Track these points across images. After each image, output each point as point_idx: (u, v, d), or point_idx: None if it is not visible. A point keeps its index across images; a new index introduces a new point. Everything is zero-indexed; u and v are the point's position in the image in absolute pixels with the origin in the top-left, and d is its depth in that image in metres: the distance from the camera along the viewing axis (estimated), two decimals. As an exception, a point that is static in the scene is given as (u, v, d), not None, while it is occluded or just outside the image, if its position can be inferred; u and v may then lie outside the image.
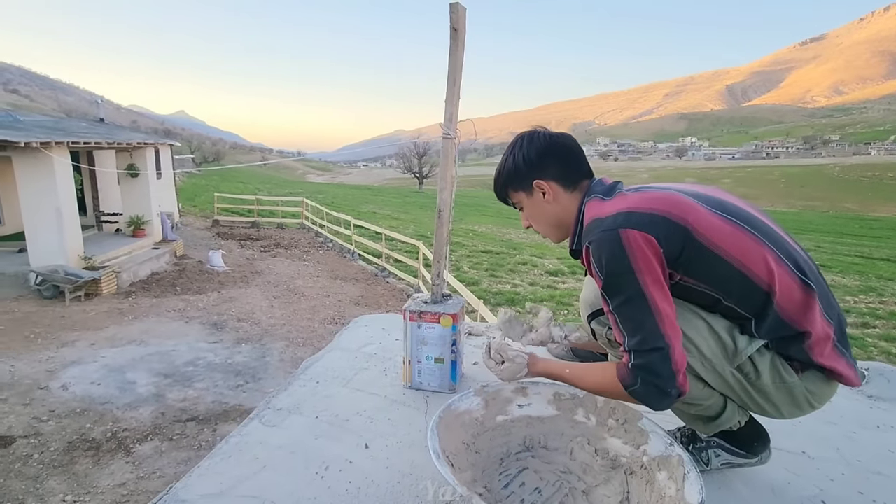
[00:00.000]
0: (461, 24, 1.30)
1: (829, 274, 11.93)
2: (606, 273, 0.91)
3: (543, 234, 1.18)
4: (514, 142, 1.14)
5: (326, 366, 1.62)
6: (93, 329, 6.38)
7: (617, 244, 0.89)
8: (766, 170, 78.91)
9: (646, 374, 0.90)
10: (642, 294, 0.88)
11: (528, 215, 1.16)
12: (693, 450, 1.11)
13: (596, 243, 0.93)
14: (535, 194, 1.10)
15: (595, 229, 0.95)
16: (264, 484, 1.04)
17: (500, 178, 1.15)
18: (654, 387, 0.90)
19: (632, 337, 0.90)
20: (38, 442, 3.83)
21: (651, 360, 0.89)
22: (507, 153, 1.14)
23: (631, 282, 0.89)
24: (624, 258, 0.89)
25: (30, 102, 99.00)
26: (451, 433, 1.05)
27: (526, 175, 1.10)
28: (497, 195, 1.19)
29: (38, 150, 7.50)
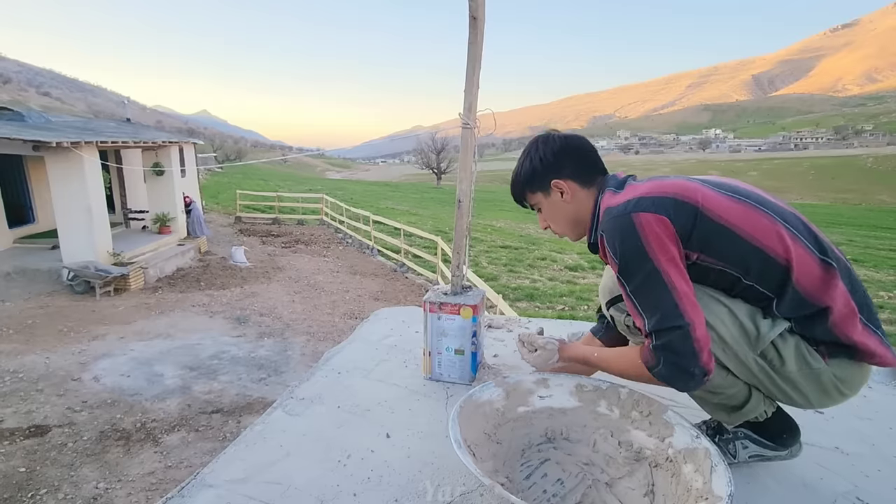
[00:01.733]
0: (480, 13, 1.28)
1: (862, 268, 11.52)
2: (621, 256, 0.92)
3: (561, 233, 1.19)
4: (529, 146, 1.17)
5: (348, 357, 1.64)
6: (122, 323, 6.57)
7: (629, 228, 0.91)
8: (794, 161, 76.46)
9: (667, 353, 0.89)
10: (658, 273, 0.88)
11: (547, 216, 1.18)
12: (720, 441, 1.09)
13: (609, 230, 0.95)
14: (552, 194, 1.13)
15: (607, 219, 0.98)
16: (288, 470, 1.06)
17: (519, 181, 1.18)
18: (676, 366, 0.89)
19: (651, 317, 0.90)
20: (72, 431, 3.97)
21: (672, 338, 0.88)
22: (523, 157, 1.17)
23: (645, 262, 0.89)
24: (637, 240, 0.90)
25: (60, 104, 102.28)
26: (472, 423, 1.04)
27: (543, 175, 1.13)
28: (515, 198, 1.22)
29: (69, 150, 7.74)
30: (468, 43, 1.29)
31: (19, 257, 8.65)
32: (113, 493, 3.29)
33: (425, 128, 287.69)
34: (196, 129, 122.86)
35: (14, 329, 6.14)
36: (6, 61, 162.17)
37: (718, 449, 1.02)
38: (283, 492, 0.99)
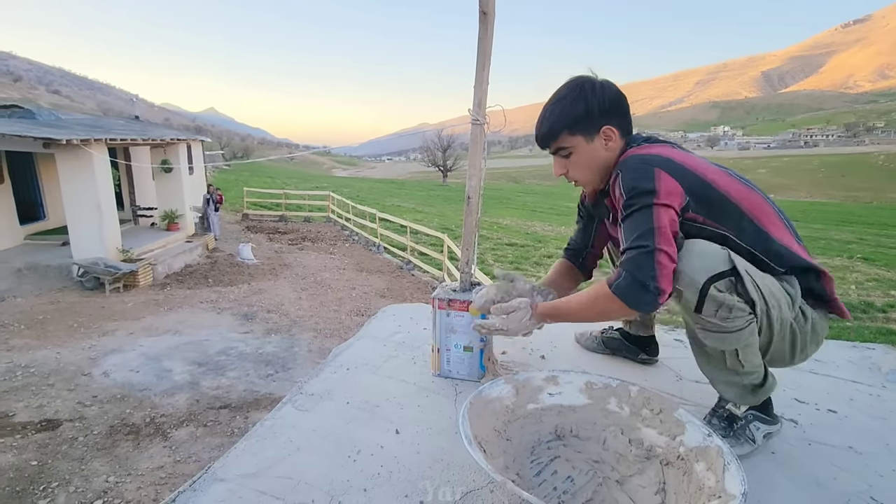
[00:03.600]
0: (490, 8, 1.27)
1: (873, 267, 11.38)
2: (630, 189, 1.02)
3: (584, 181, 1.21)
4: (578, 85, 1.13)
5: (356, 353, 1.64)
6: (131, 319, 6.64)
7: (649, 173, 1.02)
8: (804, 159, 75.62)
9: (630, 266, 0.99)
10: (651, 209, 0.99)
11: (577, 161, 1.16)
12: (737, 429, 1.11)
13: (629, 169, 1.05)
14: (595, 140, 1.14)
15: (631, 159, 1.07)
16: (298, 465, 1.06)
17: (561, 121, 1.13)
18: (633, 279, 0.98)
19: (627, 239, 1.01)
20: (82, 425, 4.02)
21: (637, 254, 0.99)
22: (569, 96, 1.12)
23: (646, 199, 1.00)
24: (650, 183, 1.00)
25: (70, 102, 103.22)
26: (482, 420, 1.04)
27: (597, 120, 1.12)
28: (545, 138, 1.17)
29: (79, 147, 7.81)
30: (478, 38, 1.28)
31: (30, 254, 8.76)
32: (123, 486, 3.33)
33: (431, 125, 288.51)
34: (203, 126, 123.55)
35: (26, 324, 6.22)
36: (17, 60, 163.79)
37: (738, 439, 1.09)
38: (293, 486, 1.00)
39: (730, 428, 1.12)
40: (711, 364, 1.10)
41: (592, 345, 1.66)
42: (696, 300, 0.99)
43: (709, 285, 0.98)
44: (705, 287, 0.98)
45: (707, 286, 0.98)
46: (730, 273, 0.97)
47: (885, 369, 1.57)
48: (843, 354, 1.71)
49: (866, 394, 1.43)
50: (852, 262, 11.97)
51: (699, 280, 0.98)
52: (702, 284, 0.98)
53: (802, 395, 1.40)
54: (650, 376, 1.49)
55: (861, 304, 8.16)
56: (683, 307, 1.03)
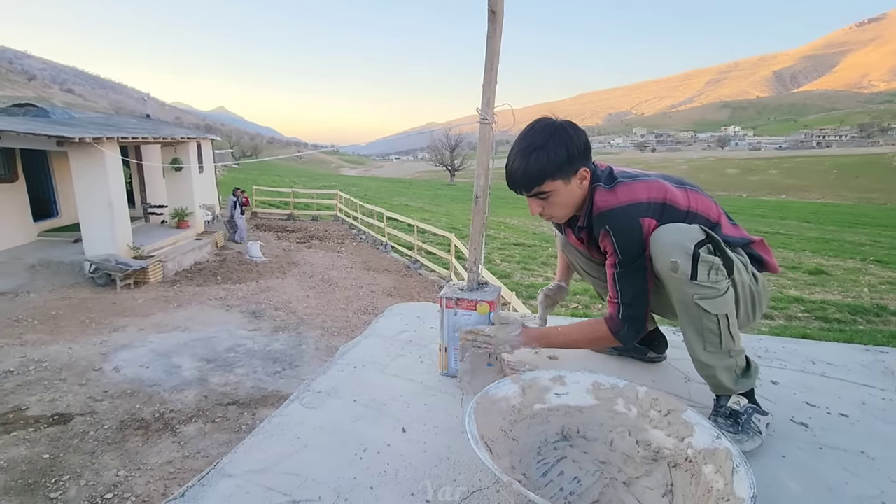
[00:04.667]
0: (499, 7, 1.27)
1: (887, 270, 11.20)
2: (624, 249, 1.18)
3: (560, 217, 1.31)
4: (556, 131, 1.19)
5: (363, 352, 1.64)
6: (141, 315, 6.71)
7: (638, 231, 1.16)
8: (816, 160, 74.58)
9: (632, 321, 1.23)
10: (643, 270, 1.18)
11: (555, 201, 1.24)
12: (743, 423, 1.13)
13: (619, 228, 1.18)
14: (572, 181, 1.21)
15: (617, 217, 1.18)
16: (305, 462, 1.07)
17: (544, 169, 1.18)
18: (635, 330, 1.24)
19: (627, 295, 1.22)
20: (93, 420, 4.07)
21: (638, 312, 1.22)
22: (551, 144, 1.17)
23: (639, 258, 1.17)
24: (640, 239, 1.16)
25: (83, 101, 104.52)
26: (488, 419, 1.04)
27: (577, 162, 1.20)
28: (522, 184, 1.22)
29: (91, 146, 7.91)
30: (487, 37, 1.28)
31: (44, 250, 8.88)
32: (132, 480, 3.37)
33: (439, 125, 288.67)
34: (213, 125, 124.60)
35: (39, 320, 6.31)
36: (31, 59, 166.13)
37: (747, 432, 1.12)
38: (301, 483, 1.00)
39: (736, 424, 1.14)
40: (709, 349, 1.13)
41: (600, 346, 1.66)
42: (690, 267, 1.09)
43: (697, 250, 1.10)
44: (696, 252, 1.09)
45: (696, 250, 1.10)
46: (706, 240, 1.10)
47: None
48: (855, 358, 1.69)
49: (879, 398, 1.40)
50: (865, 264, 11.80)
51: (689, 246, 1.10)
52: (692, 250, 1.09)
53: (813, 398, 1.38)
54: (658, 377, 1.48)
55: (874, 307, 8.04)
56: (678, 282, 1.11)
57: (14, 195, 9.26)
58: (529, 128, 1.22)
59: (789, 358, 1.66)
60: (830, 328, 7.08)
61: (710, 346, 1.13)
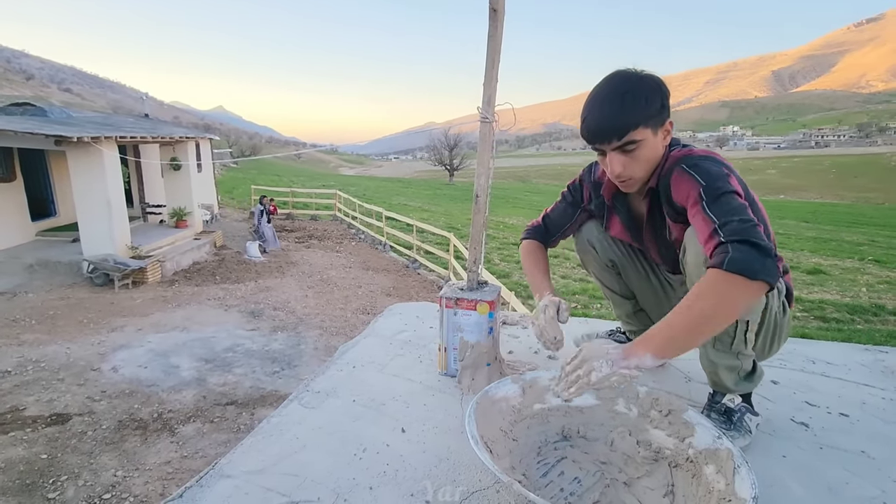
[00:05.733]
0: (500, 5, 1.26)
1: (885, 270, 11.22)
2: (708, 176, 1.01)
3: (640, 177, 1.14)
4: (647, 77, 1.08)
5: (362, 351, 1.64)
6: (139, 315, 6.69)
7: (720, 162, 1.06)
8: (814, 159, 74.73)
9: (736, 235, 0.89)
10: (735, 196, 0.98)
11: (640, 155, 1.09)
12: (736, 421, 1.14)
13: (696, 163, 1.05)
14: (659, 133, 1.11)
15: (696, 156, 1.08)
16: (304, 463, 1.06)
17: (638, 113, 1.05)
18: (752, 245, 0.87)
19: (721, 217, 0.94)
20: (91, 420, 4.06)
21: (740, 222, 0.91)
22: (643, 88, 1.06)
23: (729, 184, 0.99)
24: (727, 169, 1.04)
25: (81, 100, 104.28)
26: (488, 420, 1.04)
27: (664, 112, 1.09)
28: (613, 131, 1.06)
29: (90, 145, 7.89)
30: (488, 36, 1.28)
31: (41, 250, 8.86)
32: (130, 481, 3.36)
33: (438, 124, 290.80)
34: (212, 124, 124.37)
35: (37, 320, 6.29)
36: (29, 58, 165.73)
37: (739, 430, 1.12)
38: (300, 483, 1.00)
39: (729, 421, 1.15)
40: (717, 347, 1.11)
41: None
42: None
43: None
44: None
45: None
46: None
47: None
48: (855, 358, 1.68)
49: (879, 398, 1.40)
50: (863, 264, 11.81)
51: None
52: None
53: (814, 398, 1.38)
54: (659, 378, 1.47)
55: (872, 306, 8.05)
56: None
57: (12, 194, 9.22)
58: (609, 77, 1.10)
59: (789, 357, 1.65)
60: (829, 327, 7.09)
61: (719, 344, 1.11)
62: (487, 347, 1.40)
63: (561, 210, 1.48)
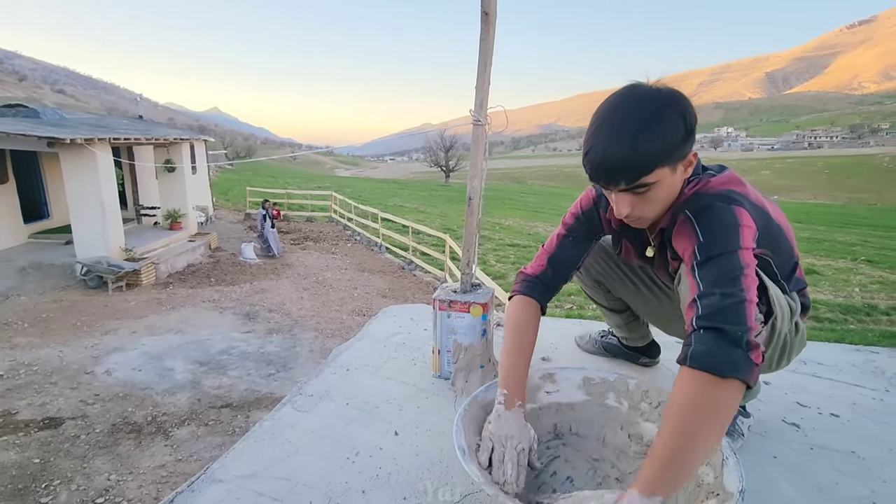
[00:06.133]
0: (492, 8, 1.27)
1: (877, 270, 11.32)
2: (711, 231, 0.87)
3: (652, 217, 0.97)
4: (670, 102, 0.86)
5: (356, 354, 1.64)
6: (133, 318, 6.66)
7: (731, 212, 0.88)
8: (808, 160, 75.32)
9: (713, 321, 0.79)
10: (735, 254, 0.84)
11: (653, 196, 0.91)
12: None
13: (703, 209, 0.89)
14: (678, 168, 0.91)
15: (702, 200, 0.92)
16: (296, 467, 1.06)
17: (662, 152, 0.85)
18: (720, 334, 0.77)
19: (705, 285, 0.82)
20: (84, 423, 4.03)
21: (724, 305, 0.79)
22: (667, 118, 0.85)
23: (735, 238, 0.85)
24: (741, 210, 0.88)
25: (75, 102, 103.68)
26: (478, 425, 1.04)
27: (688, 144, 0.89)
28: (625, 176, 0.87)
29: (83, 147, 7.84)
30: (480, 39, 1.28)
31: (34, 252, 8.80)
32: (124, 485, 3.34)
33: (434, 125, 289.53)
34: (207, 126, 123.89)
35: (29, 323, 6.25)
36: (22, 59, 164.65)
37: (731, 433, 1.12)
38: (291, 488, 0.99)
39: None
40: None
41: (593, 348, 1.65)
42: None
43: None
44: None
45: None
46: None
47: (889, 373, 1.56)
48: (846, 358, 1.70)
49: (869, 398, 1.41)
50: (856, 264, 11.91)
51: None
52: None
53: (805, 399, 1.39)
54: (651, 377, 1.48)
55: (865, 306, 8.12)
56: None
57: (4, 196, 9.16)
58: (625, 97, 0.89)
59: (781, 358, 1.66)
60: (822, 327, 7.14)
61: None
62: (481, 350, 1.40)
63: (569, 245, 1.19)
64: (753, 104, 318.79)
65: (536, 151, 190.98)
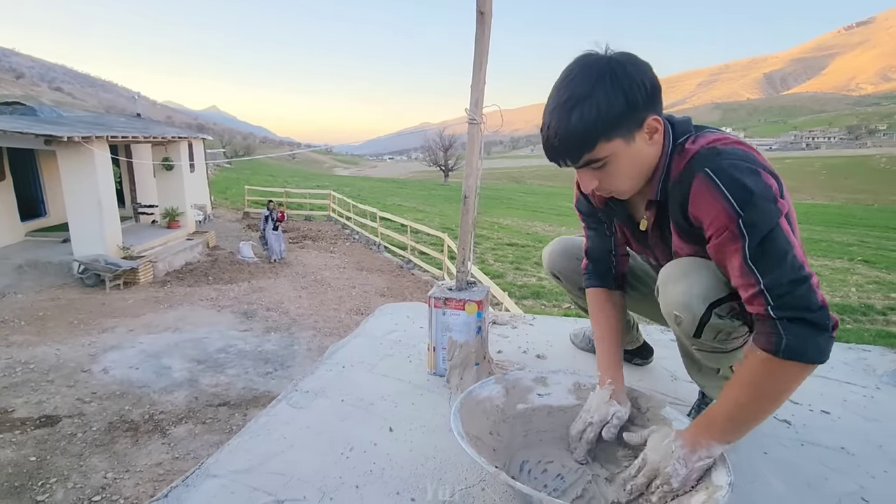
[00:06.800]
0: (487, 8, 1.28)
1: (874, 270, 11.38)
2: (747, 198, 0.78)
3: (623, 190, 0.94)
4: (606, 73, 0.82)
5: (352, 352, 1.64)
6: (131, 316, 6.65)
7: (759, 163, 0.82)
8: (805, 161, 75.52)
9: (793, 311, 0.77)
10: (779, 229, 0.79)
11: (614, 170, 0.89)
12: None
13: (727, 169, 0.80)
14: (637, 138, 0.87)
15: (716, 155, 0.83)
16: (291, 462, 1.07)
17: (593, 128, 0.83)
18: (807, 324, 0.76)
19: (768, 274, 0.78)
20: (81, 422, 4.03)
21: (797, 292, 0.77)
22: (598, 90, 0.81)
23: (776, 205, 0.79)
24: (766, 174, 0.81)
25: (72, 99, 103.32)
26: (473, 419, 1.05)
27: (641, 110, 0.85)
28: (567, 153, 0.87)
29: (80, 144, 7.83)
30: (475, 38, 1.29)
31: (31, 250, 8.78)
32: (121, 483, 3.34)
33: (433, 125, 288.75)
34: (205, 124, 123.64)
35: (26, 321, 6.24)
36: (19, 57, 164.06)
37: None
38: (286, 482, 1.00)
39: None
40: (702, 373, 1.13)
41: (587, 345, 1.66)
42: (694, 328, 0.94)
43: (709, 313, 0.91)
44: (706, 316, 0.92)
45: (707, 314, 0.91)
46: (730, 297, 0.91)
47: (880, 371, 1.57)
48: (837, 356, 1.71)
49: (860, 395, 1.43)
50: (853, 264, 11.96)
51: (699, 309, 0.91)
52: (702, 314, 0.91)
53: (796, 395, 1.38)
54: (645, 376, 1.49)
55: (861, 306, 8.16)
56: (682, 331, 1.00)
57: (1, 194, 9.14)
58: (567, 71, 0.86)
59: (774, 356, 1.67)
60: (818, 327, 7.17)
61: (704, 370, 1.11)
62: (476, 347, 1.41)
63: (593, 235, 1.20)
64: (751, 105, 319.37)
65: (535, 151, 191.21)
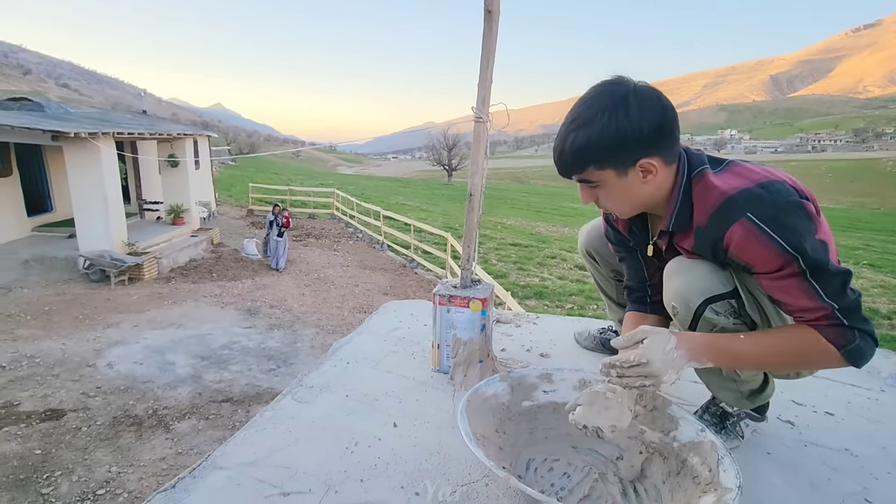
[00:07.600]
0: (495, 6, 1.28)
1: (879, 274, 11.31)
2: (798, 240, 0.82)
3: (619, 212, 1.02)
4: (611, 105, 0.86)
5: (356, 348, 1.65)
6: (135, 312, 6.69)
7: (801, 208, 0.84)
8: (811, 164, 75.14)
9: (864, 324, 0.86)
10: (827, 255, 0.84)
11: (607, 195, 0.95)
12: (729, 426, 1.14)
13: (773, 214, 0.83)
14: (630, 174, 0.90)
15: (761, 199, 0.85)
16: (296, 455, 1.08)
17: (585, 152, 0.88)
18: (870, 338, 0.86)
19: (836, 298, 0.84)
20: (86, 416, 4.06)
21: (861, 313, 0.86)
22: (598, 120, 0.86)
23: (818, 238, 0.84)
24: (811, 222, 0.84)
25: (79, 96, 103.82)
26: (479, 417, 1.05)
27: (635, 150, 0.88)
28: (563, 168, 0.94)
29: (87, 141, 7.87)
30: (482, 36, 1.29)
31: (37, 245, 8.84)
32: (125, 477, 3.37)
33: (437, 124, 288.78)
34: (210, 122, 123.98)
35: (32, 315, 6.28)
36: (27, 53, 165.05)
37: (728, 434, 1.12)
38: (291, 475, 1.01)
39: (721, 425, 1.15)
40: (707, 370, 1.12)
41: (591, 344, 1.67)
42: (689, 319, 0.97)
43: (704, 307, 0.95)
44: (700, 309, 0.95)
45: (702, 308, 0.95)
46: (729, 295, 0.94)
47: (885, 374, 1.57)
48: (842, 358, 1.71)
49: (864, 397, 1.43)
50: (858, 268, 11.89)
51: (694, 302, 0.95)
52: (696, 306, 0.95)
53: (800, 397, 1.40)
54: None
55: (866, 310, 8.09)
56: (678, 323, 1.03)
57: (8, 189, 9.20)
58: (587, 92, 0.91)
59: (778, 358, 1.67)
60: (823, 331, 7.14)
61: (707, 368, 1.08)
62: (480, 344, 1.42)
63: (627, 264, 1.23)
64: (757, 107, 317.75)
65: (539, 151, 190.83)
